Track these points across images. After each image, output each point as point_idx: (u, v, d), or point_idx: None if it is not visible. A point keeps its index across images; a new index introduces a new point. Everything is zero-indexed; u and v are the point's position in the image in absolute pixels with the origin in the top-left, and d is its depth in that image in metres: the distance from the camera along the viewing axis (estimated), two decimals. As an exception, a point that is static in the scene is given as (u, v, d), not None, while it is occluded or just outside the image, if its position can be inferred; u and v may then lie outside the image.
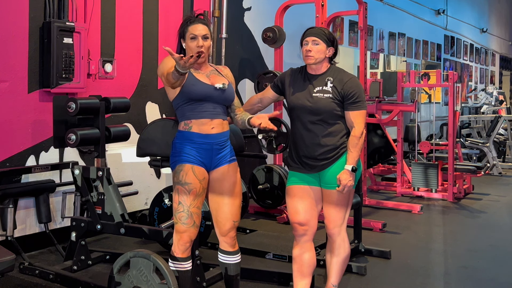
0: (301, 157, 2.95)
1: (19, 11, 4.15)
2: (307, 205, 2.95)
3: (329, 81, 2.93)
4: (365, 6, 5.87)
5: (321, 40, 2.92)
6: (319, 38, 2.92)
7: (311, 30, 2.98)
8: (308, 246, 3.00)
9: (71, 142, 3.65)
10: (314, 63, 2.94)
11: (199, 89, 2.79)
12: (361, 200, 4.25)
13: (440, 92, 11.71)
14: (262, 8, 6.75)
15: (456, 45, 14.00)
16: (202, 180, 2.83)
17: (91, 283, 3.49)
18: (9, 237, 3.88)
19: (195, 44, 2.80)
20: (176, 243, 2.84)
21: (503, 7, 18.98)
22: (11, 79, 4.11)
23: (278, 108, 5.81)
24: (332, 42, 2.96)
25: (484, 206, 6.40)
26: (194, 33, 2.81)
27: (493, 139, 8.93)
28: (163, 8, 5.37)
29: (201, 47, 2.81)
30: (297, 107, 2.94)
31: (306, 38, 2.95)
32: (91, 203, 3.68)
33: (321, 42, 2.92)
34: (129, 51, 5.03)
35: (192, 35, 2.81)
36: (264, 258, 4.17)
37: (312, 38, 2.93)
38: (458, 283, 3.80)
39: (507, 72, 19.29)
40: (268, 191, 5.54)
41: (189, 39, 2.82)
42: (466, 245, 4.73)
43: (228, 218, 2.92)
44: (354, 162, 2.87)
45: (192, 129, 2.82)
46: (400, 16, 10.69)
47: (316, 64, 2.95)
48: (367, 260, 4.20)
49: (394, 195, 6.87)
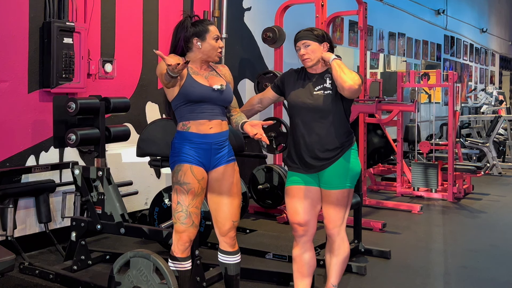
0: (301, 157, 2.95)
1: (19, 11, 4.15)
2: (306, 206, 2.95)
3: (328, 78, 2.93)
4: (365, 6, 5.87)
5: (310, 40, 2.93)
6: (307, 40, 2.93)
7: (298, 34, 2.98)
8: (308, 246, 3.00)
9: (71, 142, 3.65)
10: (313, 64, 2.95)
11: (197, 91, 2.80)
12: (361, 200, 4.25)
13: (440, 92, 11.71)
14: (262, 8, 6.75)
15: (456, 45, 14.00)
16: (201, 180, 2.83)
17: (91, 283, 3.49)
18: (9, 237, 3.88)
19: (219, 45, 2.88)
20: (175, 243, 2.84)
21: (503, 7, 18.99)
22: (11, 79, 4.11)
23: (278, 108, 5.82)
24: (323, 37, 2.96)
25: (484, 206, 6.40)
26: (217, 33, 2.89)
27: (493, 139, 8.93)
28: (163, 8, 5.37)
29: (222, 47, 2.92)
30: (298, 106, 2.94)
31: (297, 44, 2.97)
32: (91, 203, 3.68)
33: (311, 42, 2.93)
34: (129, 51, 5.03)
35: (216, 36, 2.87)
36: (264, 258, 4.17)
37: (302, 41, 2.95)
38: (458, 283, 3.80)
39: (507, 72, 19.29)
40: (268, 191, 5.54)
41: (213, 39, 2.87)
42: (466, 245, 4.73)
43: (228, 218, 2.92)
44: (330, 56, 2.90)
45: (190, 129, 2.82)
46: (400, 16, 10.70)
47: (315, 64, 2.95)
48: (367, 260, 4.20)
49: (394, 195, 6.87)
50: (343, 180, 2.91)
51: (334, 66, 2.85)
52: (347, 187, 2.93)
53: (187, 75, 2.81)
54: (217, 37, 2.87)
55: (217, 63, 3.02)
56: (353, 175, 2.95)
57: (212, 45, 2.86)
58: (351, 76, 2.80)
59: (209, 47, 2.86)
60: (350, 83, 2.78)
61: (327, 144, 2.90)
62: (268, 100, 3.16)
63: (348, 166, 2.92)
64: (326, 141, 2.90)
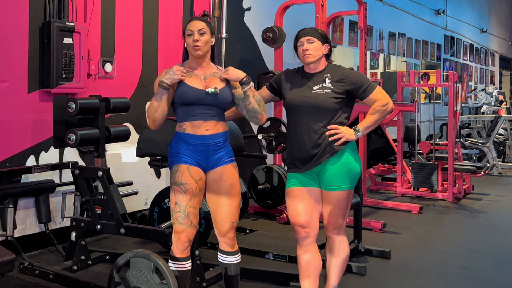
0: (300, 156, 2.94)
1: (19, 11, 4.15)
2: (307, 206, 2.94)
3: (327, 78, 2.92)
4: (365, 6, 5.87)
5: (316, 38, 2.93)
6: (313, 37, 2.93)
7: (303, 30, 2.99)
8: (312, 248, 2.98)
9: (71, 142, 3.65)
10: (313, 62, 2.93)
11: (189, 95, 2.81)
12: (361, 200, 4.25)
13: (440, 92, 11.71)
14: (262, 8, 6.75)
15: (456, 45, 14.00)
16: (198, 180, 2.83)
17: (91, 283, 3.49)
18: (9, 237, 3.88)
19: (191, 39, 2.83)
20: (174, 243, 2.85)
21: (503, 7, 18.99)
22: (11, 79, 4.11)
23: (278, 108, 5.82)
24: (326, 38, 2.98)
25: (484, 206, 6.40)
26: (191, 29, 2.84)
27: (493, 139, 8.93)
28: (163, 8, 5.37)
29: (197, 41, 2.82)
30: (296, 105, 2.93)
31: (300, 39, 2.96)
32: (91, 203, 3.68)
33: (315, 40, 2.93)
34: (129, 51, 5.03)
35: (189, 31, 2.84)
36: (264, 258, 4.17)
37: (307, 37, 2.94)
38: (458, 283, 3.80)
39: (507, 72, 19.29)
40: (268, 191, 5.54)
41: (187, 36, 2.85)
42: (466, 245, 4.73)
43: (226, 219, 2.92)
44: (362, 125, 2.91)
45: (186, 131, 2.83)
46: (400, 16, 10.70)
47: (315, 62, 2.95)
48: (367, 260, 4.20)
49: (394, 195, 6.87)
50: (343, 181, 2.91)
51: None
52: (347, 188, 2.93)
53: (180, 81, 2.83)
54: (191, 32, 2.83)
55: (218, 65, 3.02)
56: (353, 175, 2.94)
57: (187, 42, 2.87)
58: (378, 110, 2.90)
59: (187, 44, 2.88)
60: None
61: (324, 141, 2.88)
62: (263, 99, 3.14)
63: (348, 167, 2.92)
64: (325, 139, 2.88)
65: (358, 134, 2.90)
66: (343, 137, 2.86)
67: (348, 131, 2.88)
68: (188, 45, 2.85)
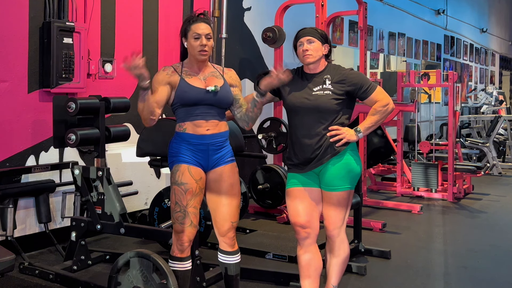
0: (300, 157, 2.94)
1: (19, 11, 4.15)
2: (308, 207, 2.94)
3: (328, 79, 2.92)
4: (365, 6, 5.87)
5: (316, 38, 2.92)
6: (313, 37, 2.92)
7: (303, 30, 2.97)
8: (313, 249, 2.97)
9: (71, 142, 3.65)
10: (313, 62, 2.93)
11: (190, 95, 2.80)
12: (361, 200, 4.25)
13: (440, 92, 11.71)
14: (262, 8, 6.75)
15: (456, 45, 14.00)
16: (199, 180, 2.83)
17: (91, 283, 3.49)
18: (9, 237, 3.88)
19: (199, 43, 2.80)
20: (174, 243, 2.85)
21: (503, 7, 18.98)
22: (11, 79, 4.11)
23: (278, 108, 5.82)
24: (326, 38, 2.97)
25: (484, 206, 6.40)
26: (198, 32, 2.80)
27: (493, 139, 8.93)
28: (163, 8, 5.37)
29: (205, 46, 2.80)
30: (296, 106, 2.93)
31: (300, 39, 2.94)
32: (91, 203, 3.68)
33: (315, 40, 2.92)
34: (129, 51, 5.03)
35: (196, 34, 2.80)
36: (264, 258, 4.17)
37: (307, 37, 2.93)
38: (458, 283, 3.80)
39: (507, 72, 19.28)
40: (268, 191, 5.54)
41: (192, 38, 2.81)
42: (466, 245, 4.73)
43: (226, 219, 2.92)
44: (363, 126, 2.92)
45: (186, 131, 2.83)
46: (400, 16, 10.69)
47: (315, 63, 2.94)
48: (367, 260, 4.20)
49: (394, 195, 6.87)
50: (343, 182, 2.90)
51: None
52: (347, 188, 2.92)
53: (180, 80, 2.82)
54: (198, 35, 2.80)
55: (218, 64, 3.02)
56: (353, 176, 2.94)
57: (191, 44, 2.83)
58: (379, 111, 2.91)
59: (191, 47, 2.84)
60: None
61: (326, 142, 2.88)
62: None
63: (349, 168, 2.91)
64: (326, 139, 2.89)
65: (359, 135, 2.90)
66: (344, 138, 2.87)
67: (349, 132, 2.88)
68: (193, 48, 2.82)
